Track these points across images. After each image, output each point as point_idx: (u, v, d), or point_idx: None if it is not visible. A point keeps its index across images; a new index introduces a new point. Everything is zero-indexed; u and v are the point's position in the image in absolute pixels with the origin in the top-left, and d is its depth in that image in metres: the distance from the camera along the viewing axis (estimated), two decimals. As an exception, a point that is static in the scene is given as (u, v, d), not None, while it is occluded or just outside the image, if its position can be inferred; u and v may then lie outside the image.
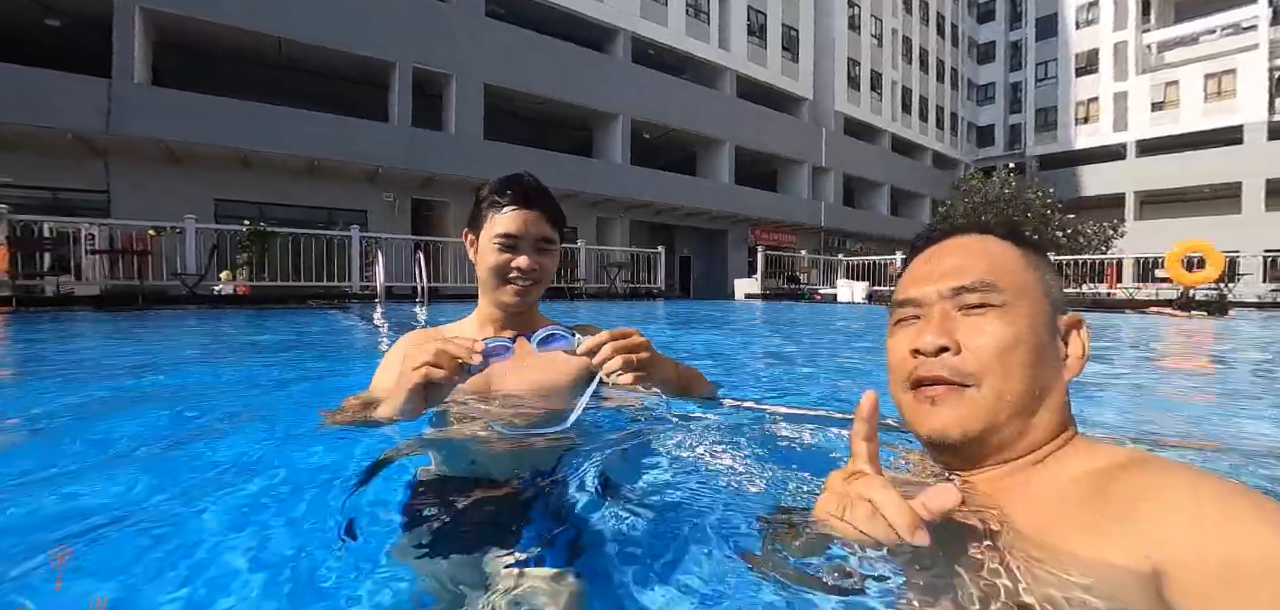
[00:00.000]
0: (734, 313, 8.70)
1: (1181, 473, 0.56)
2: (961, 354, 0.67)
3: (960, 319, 0.68)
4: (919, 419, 0.70)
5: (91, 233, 9.14)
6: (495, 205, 1.30)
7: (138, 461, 1.25)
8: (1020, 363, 0.65)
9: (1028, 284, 0.68)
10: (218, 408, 1.86)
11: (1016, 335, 0.65)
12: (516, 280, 1.28)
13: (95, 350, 3.63)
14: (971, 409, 0.66)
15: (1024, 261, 0.70)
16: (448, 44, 16.45)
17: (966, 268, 0.70)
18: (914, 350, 0.70)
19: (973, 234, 0.74)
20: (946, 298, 0.69)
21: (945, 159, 36.31)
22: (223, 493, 1.01)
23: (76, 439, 1.48)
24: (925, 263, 0.75)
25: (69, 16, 12.84)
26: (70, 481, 1.12)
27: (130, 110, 11.95)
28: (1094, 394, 2.15)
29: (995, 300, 0.67)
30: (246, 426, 1.57)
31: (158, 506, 0.97)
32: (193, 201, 11.97)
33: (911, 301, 0.73)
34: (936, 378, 0.68)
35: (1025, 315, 0.66)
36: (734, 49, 24.16)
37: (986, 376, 0.65)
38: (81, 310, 7.01)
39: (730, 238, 24.07)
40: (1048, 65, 37.70)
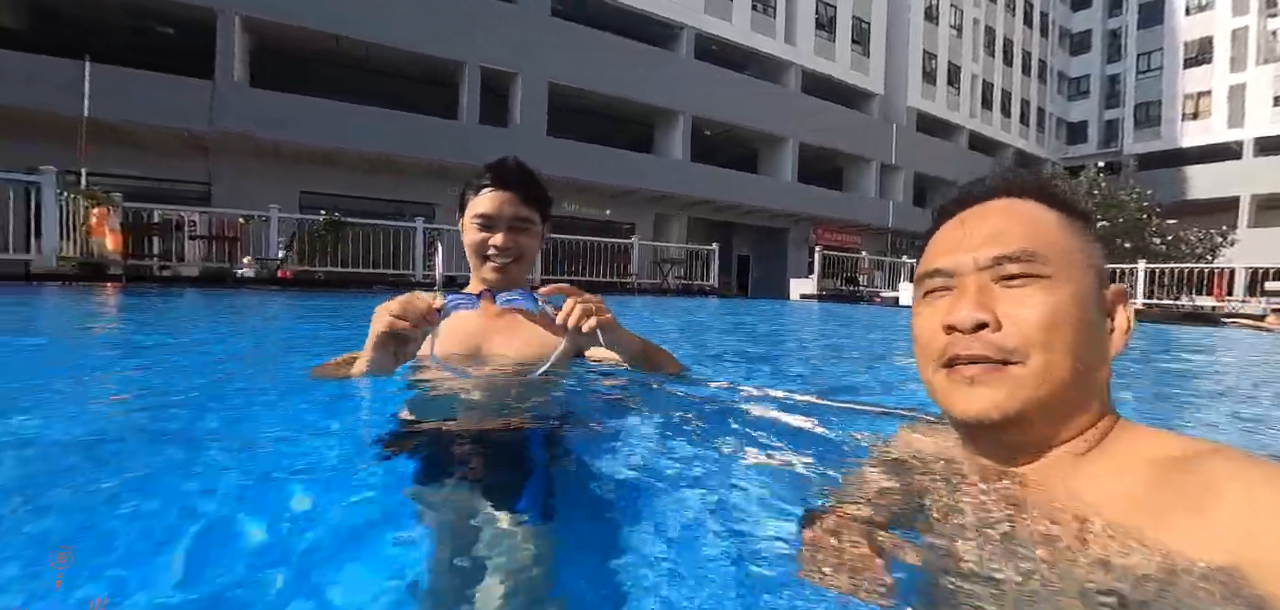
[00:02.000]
0: (775, 313, 8.59)
1: (1258, 464, 0.52)
2: (1003, 329, 0.60)
3: (998, 291, 0.62)
4: (955, 400, 0.64)
5: (193, 219, 10.14)
6: (475, 188, 1.42)
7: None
8: (1068, 338, 0.59)
9: (1072, 252, 0.62)
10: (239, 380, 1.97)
11: (1063, 308, 0.59)
12: (494, 257, 1.38)
13: (182, 323, 4.08)
14: (1014, 388, 0.60)
15: (1066, 228, 0.64)
16: (514, 43, 17.02)
17: (1005, 234, 0.63)
18: (948, 326, 0.63)
19: (1008, 196, 0.67)
20: (985, 268, 0.63)
21: (1029, 157, 34.04)
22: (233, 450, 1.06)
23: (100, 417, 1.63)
24: (957, 229, 0.67)
25: (180, 24, 14.21)
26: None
27: (229, 109, 13.12)
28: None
29: (1039, 271, 0.60)
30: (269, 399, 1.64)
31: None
32: (281, 193, 13.00)
33: (943, 272, 0.66)
34: (975, 356, 0.61)
35: (1071, 286, 0.60)
36: (800, 44, 23.64)
37: (1032, 353, 0.59)
38: (182, 288, 7.82)
39: (791, 236, 23.60)
40: (1151, 55, 34.58)
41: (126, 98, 11.91)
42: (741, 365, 2.51)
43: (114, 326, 3.62)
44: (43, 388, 1.61)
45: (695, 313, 7.17)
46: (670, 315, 6.40)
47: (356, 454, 0.99)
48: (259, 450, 1.03)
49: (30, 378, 1.82)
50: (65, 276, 7.49)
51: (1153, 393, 2.34)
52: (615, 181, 18.35)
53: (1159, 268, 14.04)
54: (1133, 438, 0.61)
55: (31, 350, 2.54)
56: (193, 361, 2.22)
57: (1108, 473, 0.59)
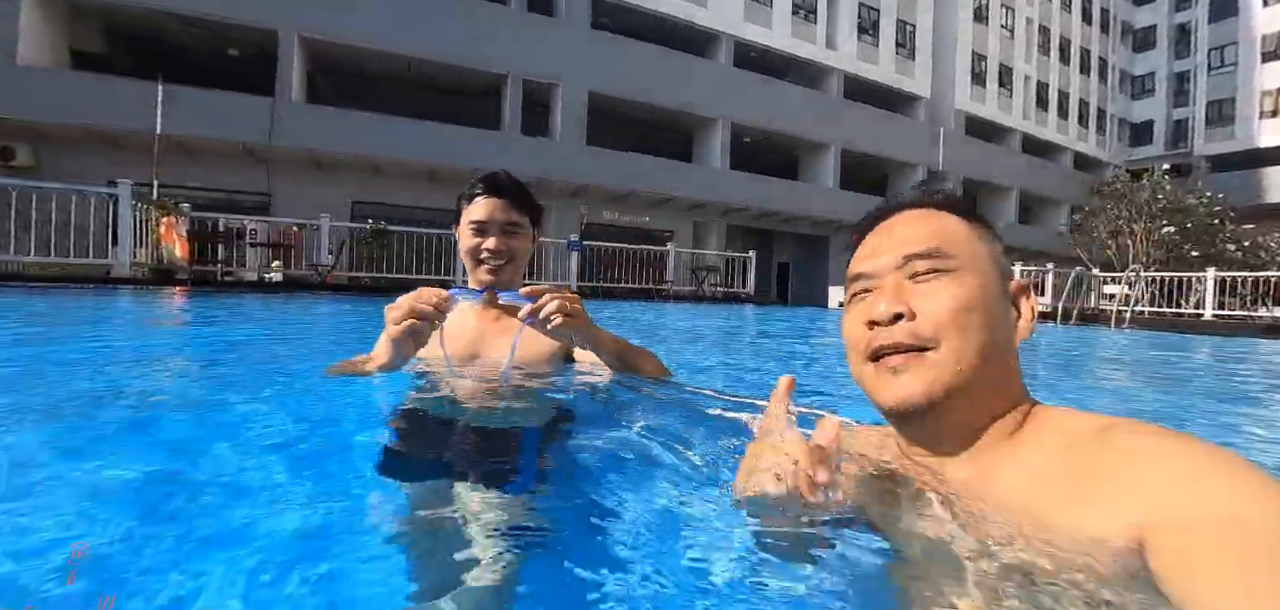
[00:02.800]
0: (807, 322, 8.48)
1: (1167, 435, 0.56)
2: (918, 318, 0.67)
3: (912, 287, 0.69)
4: (882, 389, 0.69)
5: (254, 228, 10.77)
6: (469, 197, 1.52)
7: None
8: (976, 324, 0.66)
9: (975, 250, 0.70)
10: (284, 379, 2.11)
11: (970, 297, 0.66)
12: (487, 260, 1.47)
13: (240, 325, 4.37)
14: (935, 372, 0.66)
15: (970, 230, 0.72)
16: (554, 56, 17.39)
17: (915, 236, 0.71)
18: (870, 321, 0.70)
19: (920, 207, 0.75)
20: (898, 267, 0.70)
21: (1088, 160, 32.44)
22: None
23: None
24: (875, 237, 0.76)
25: (244, 45, 15.14)
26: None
27: (287, 124, 13.87)
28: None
29: (946, 265, 0.68)
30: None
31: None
32: (334, 203, 13.64)
33: (864, 275, 0.74)
34: (896, 345, 0.67)
35: (975, 278, 0.68)
36: (842, 48, 23.28)
37: (944, 338, 0.65)
38: (242, 293, 8.31)
39: (832, 244, 23.18)
40: (1224, 51, 32.48)
41: (195, 115, 12.75)
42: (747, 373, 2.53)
43: (180, 324, 3.91)
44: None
45: (703, 318, 7.16)
46: (683, 322, 6.42)
47: (353, 446, 1.05)
48: (257, 440, 1.10)
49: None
50: (139, 281, 8.07)
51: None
52: (654, 188, 18.46)
53: (1232, 276, 13.07)
54: (1049, 419, 0.66)
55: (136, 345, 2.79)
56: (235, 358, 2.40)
57: (1030, 451, 0.64)
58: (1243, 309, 12.41)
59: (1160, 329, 10.31)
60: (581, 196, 18.06)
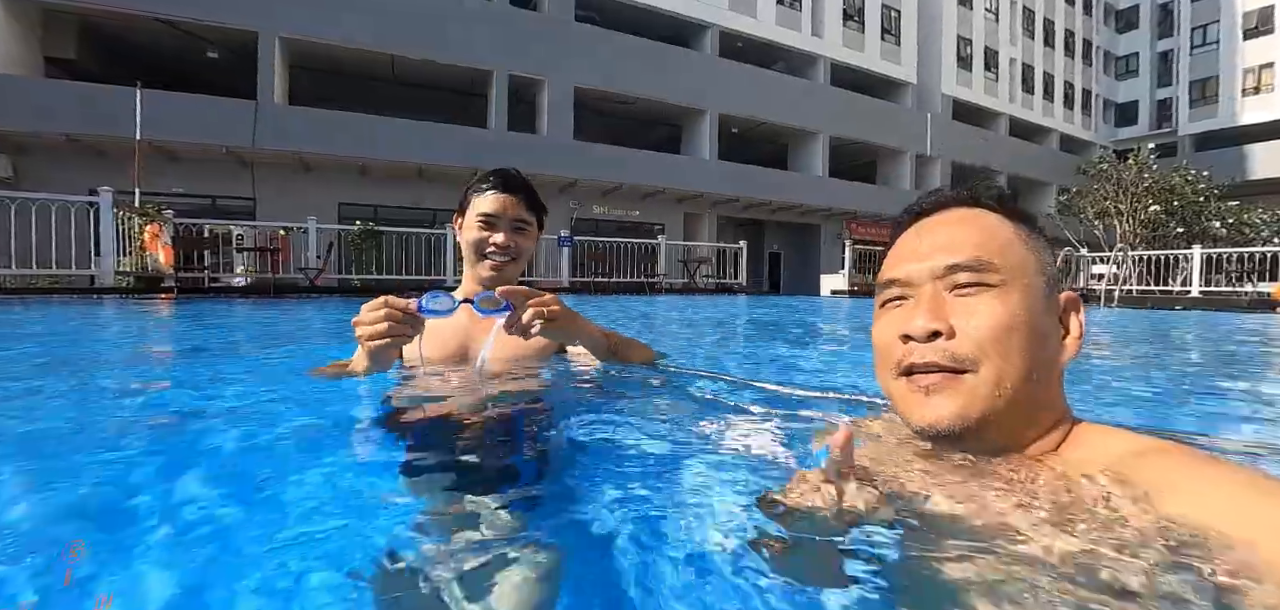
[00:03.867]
0: (791, 310, 8.49)
1: (1200, 460, 0.55)
2: (957, 338, 0.62)
3: (952, 300, 0.64)
4: (912, 410, 0.65)
5: (240, 233, 10.65)
6: (479, 190, 1.50)
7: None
8: (1020, 345, 0.60)
9: (1023, 260, 0.64)
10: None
11: (1014, 316, 0.61)
12: (493, 255, 1.45)
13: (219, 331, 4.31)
14: (969, 397, 0.61)
15: (1018, 236, 0.66)
16: (540, 51, 17.28)
17: (958, 243, 0.65)
18: (904, 335, 0.65)
19: (963, 206, 0.69)
20: (938, 277, 0.65)
21: (1075, 141, 32.68)
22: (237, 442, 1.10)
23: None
24: (913, 239, 0.70)
25: (224, 48, 14.93)
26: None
27: (270, 127, 13.71)
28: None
29: (991, 280, 0.62)
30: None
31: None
32: (320, 205, 13.51)
33: (899, 282, 0.68)
34: (930, 364, 0.63)
35: (1022, 294, 0.62)
36: (828, 36, 23.28)
37: (984, 361, 0.61)
38: (229, 298, 8.22)
39: (823, 232, 23.25)
40: (1207, 29, 32.75)
41: (176, 120, 12.58)
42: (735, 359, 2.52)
43: (170, 330, 3.86)
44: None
45: (689, 310, 7.16)
46: (671, 315, 6.42)
47: (346, 442, 1.04)
48: (254, 435, 1.09)
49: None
50: (123, 290, 7.96)
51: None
52: (643, 182, 18.42)
53: (1218, 252, 13.23)
54: (1091, 439, 0.63)
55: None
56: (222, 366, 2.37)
57: (1066, 474, 0.60)
58: (1229, 285, 12.57)
59: (1148, 307, 10.42)
60: (570, 192, 17.98)
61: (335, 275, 10.94)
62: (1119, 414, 1.54)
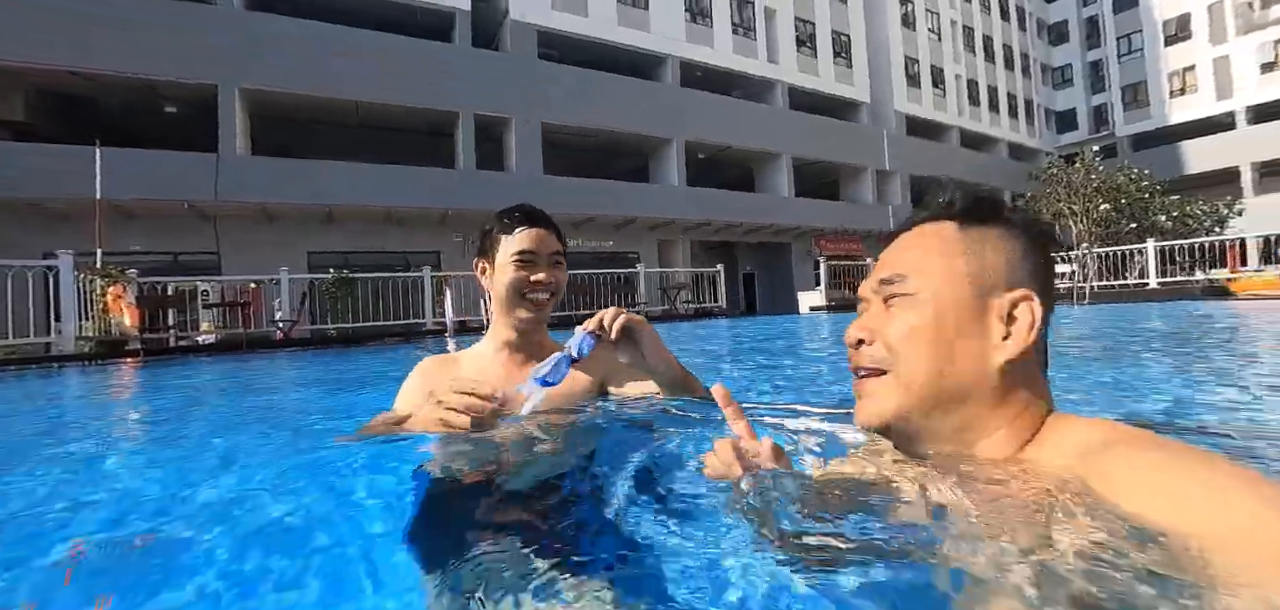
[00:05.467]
0: (779, 327, 8.58)
1: (1172, 449, 0.56)
2: (874, 344, 0.70)
3: (884, 311, 0.71)
4: (855, 413, 0.74)
5: (206, 289, 10.28)
6: (507, 228, 1.40)
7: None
8: (926, 346, 0.66)
9: (950, 265, 0.68)
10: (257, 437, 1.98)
11: (919, 320, 0.67)
12: (535, 294, 1.37)
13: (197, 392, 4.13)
14: (884, 395, 0.69)
15: (957, 240, 0.69)
16: (505, 89, 17.37)
17: (888, 261, 0.73)
18: (846, 341, 0.75)
19: (923, 223, 0.74)
20: (876, 291, 0.73)
21: (1022, 149, 34.27)
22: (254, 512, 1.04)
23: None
24: (878, 259, 0.78)
25: (182, 103, 14.60)
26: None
27: (233, 179, 13.38)
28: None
29: (907, 288, 0.69)
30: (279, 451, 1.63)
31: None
32: (288, 256, 13.18)
33: (860, 297, 0.78)
34: (859, 368, 0.72)
35: (933, 300, 0.67)
36: (783, 61, 24.05)
37: (893, 363, 0.68)
38: (199, 357, 7.88)
39: (794, 251, 23.69)
40: (1131, 38, 34.99)
41: (135, 177, 12.17)
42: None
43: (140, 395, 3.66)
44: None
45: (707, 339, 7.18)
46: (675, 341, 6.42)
47: (373, 526, 0.92)
48: (259, 520, 0.98)
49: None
50: (86, 356, 7.56)
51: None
52: (615, 212, 18.52)
53: (1170, 244, 13.98)
54: (1058, 432, 0.65)
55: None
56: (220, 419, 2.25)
57: (1036, 466, 0.63)
58: (1182, 275, 13.22)
59: (1113, 300, 10.86)
60: (544, 226, 17.93)
61: (308, 326, 10.62)
62: (1145, 408, 1.56)
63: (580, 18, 19.40)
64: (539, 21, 18.55)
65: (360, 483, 1.11)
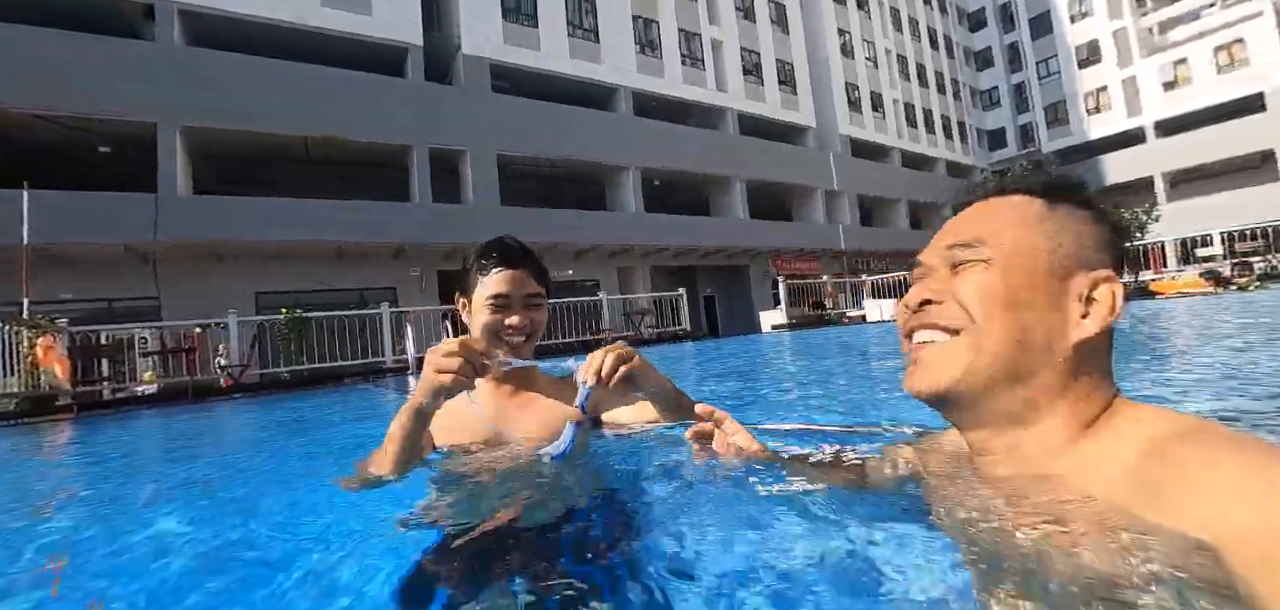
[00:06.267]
0: (750, 347, 8.72)
1: (1242, 443, 0.53)
2: (945, 302, 0.67)
3: (951, 276, 0.69)
4: (906, 378, 0.71)
5: (144, 336, 9.71)
6: (483, 269, 1.40)
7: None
8: (1002, 308, 0.64)
9: (1026, 237, 0.66)
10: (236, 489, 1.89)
11: (998, 283, 0.64)
12: (510, 337, 1.37)
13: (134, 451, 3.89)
14: (951, 359, 0.66)
15: (1038, 215, 0.67)
16: (459, 123, 17.27)
17: (960, 227, 0.71)
18: (905, 304, 0.72)
19: (994, 196, 0.73)
20: (941, 256, 0.71)
21: (959, 167, 36.18)
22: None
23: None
24: (940, 229, 0.76)
25: (117, 141, 13.90)
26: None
27: (174, 219, 12.76)
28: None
29: (982, 254, 0.66)
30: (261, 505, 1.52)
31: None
32: (235, 297, 12.61)
33: (918, 262, 0.75)
34: (925, 324, 0.69)
35: (1015, 267, 0.65)
36: (732, 89, 24.81)
37: (966, 326, 0.65)
38: (137, 410, 7.41)
39: (752, 272, 24.16)
40: (1048, 62, 37.71)
41: (67, 221, 11.46)
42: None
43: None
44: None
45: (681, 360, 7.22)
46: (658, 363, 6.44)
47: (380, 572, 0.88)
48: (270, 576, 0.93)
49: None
50: (12, 414, 7.01)
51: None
52: (573, 240, 18.53)
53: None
54: (1128, 417, 0.62)
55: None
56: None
57: (1101, 455, 0.60)
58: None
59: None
60: (503, 258, 17.73)
61: (257, 370, 10.12)
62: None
63: (532, 51, 19.57)
64: (492, 55, 18.61)
65: (350, 537, 1.05)
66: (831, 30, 29.87)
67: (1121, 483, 0.56)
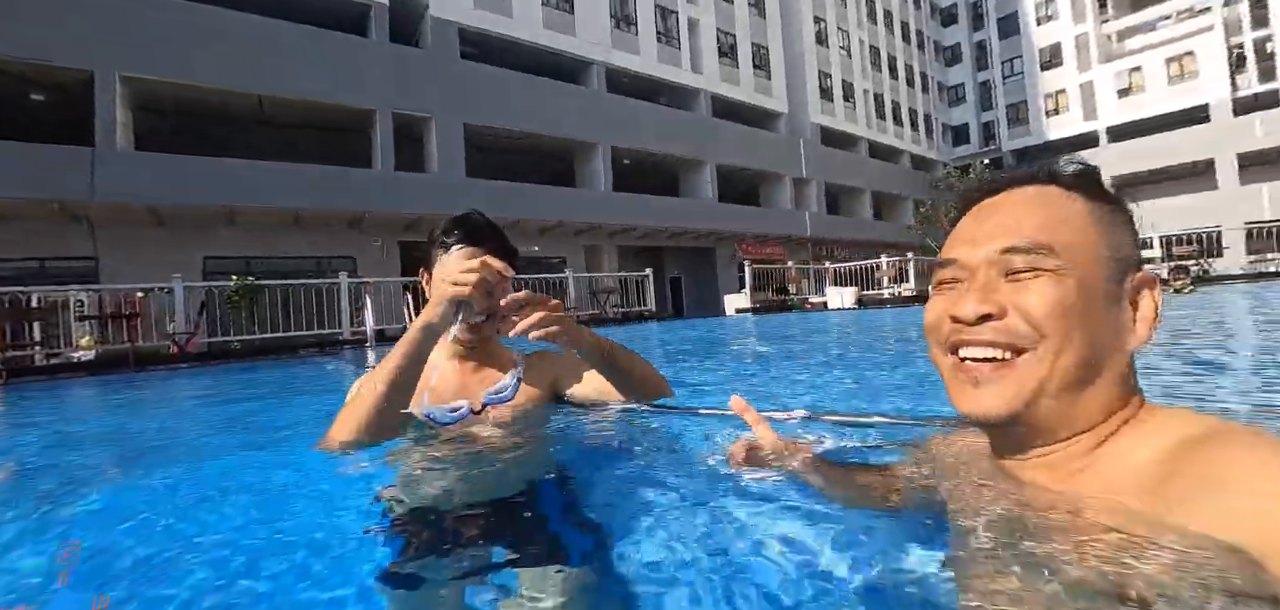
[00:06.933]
0: (718, 329, 8.78)
1: (1262, 443, 0.51)
2: (1008, 317, 0.60)
3: (1005, 284, 0.61)
4: (959, 395, 0.64)
5: (80, 299, 9.17)
6: (445, 245, 1.35)
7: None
8: (1078, 329, 0.58)
9: (1087, 242, 0.61)
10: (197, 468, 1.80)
11: (1072, 298, 0.58)
12: (470, 317, 1.30)
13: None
14: (1018, 384, 0.60)
15: (1088, 215, 0.62)
16: (425, 88, 16.71)
17: (1017, 225, 0.62)
18: (953, 316, 0.63)
19: (1032, 185, 0.66)
20: (992, 261, 0.62)
21: (923, 160, 36.94)
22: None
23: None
24: (973, 221, 0.67)
25: (52, 89, 12.98)
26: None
27: (114, 176, 12.03)
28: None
29: (1048, 264, 0.59)
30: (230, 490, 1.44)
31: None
32: (180, 261, 12.01)
33: (953, 263, 0.66)
34: (981, 341, 0.61)
35: (1081, 278, 0.59)
36: (706, 70, 24.66)
37: (1039, 341, 0.59)
38: (72, 377, 7.01)
39: (718, 255, 24.28)
40: (1013, 62, 38.67)
41: (-9, 173, 10.71)
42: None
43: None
44: None
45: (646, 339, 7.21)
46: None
47: (346, 547, 0.87)
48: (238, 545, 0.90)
49: None
50: (-71, 379, 6.54)
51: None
52: (541, 216, 18.26)
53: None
54: (1154, 420, 0.60)
55: None
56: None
57: (1127, 456, 0.59)
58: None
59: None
60: (468, 231, 17.36)
61: (206, 338, 9.68)
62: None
63: (504, 18, 19.00)
64: (461, 19, 17.99)
65: (315, 510, 1.04)
66: (808, 17, 29.91)
67: (1151, 486, 0.54)
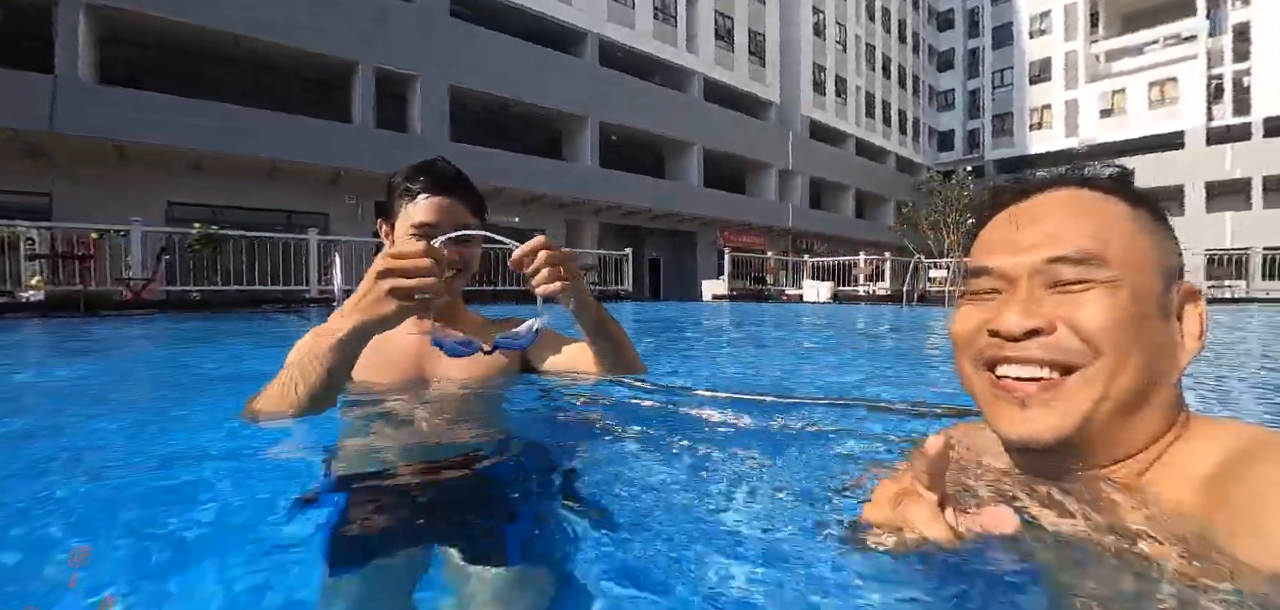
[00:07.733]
0: (691, 315, 8.75)
1: None
2: (1058, 332, 0.55)
3: (1051, 297, 0.56)
4: (1001, 418, 0.59)
5: (30, 236, 8.74)
6: (409, 194, 1.24)
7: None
8: (1134, 347, 0.54)
9: (1140, 252, 0.56)
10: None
11: (1125, 311, 0.54)
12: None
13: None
14: (1069, 404, 0.55)
15: (1136, 223, 0.57)
16: (412, 45, 16.21)
17: (1063, 233, 0.57)
18: (993, 330, 0.58)
19: (1070, 187, 0.61)
20: (1037, 271, 0.57)
21: (908, 163, 37.22)
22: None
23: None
24: (1009, 225, 0.61)
25: (9, 11, 12.24)
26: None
27: (74, 108, 11.45)
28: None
29: (1100, 275, 0.54)
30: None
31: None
32: (142, 205, 11.53)
33: (990, 272, 0.60)
34: (1027, 358, 0.56)
35: (1141, 289, 0.55)
36: (702, 52, 24.38)
37: (1094, 358, 0.54)
38: (19, 317, 6.69)
39: (699, 240, 24.23)
40: (1004, 73, 39.04)
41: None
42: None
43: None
44: None
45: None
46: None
47: (281, 520, 0.78)
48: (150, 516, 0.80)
49: None
50: None
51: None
52: (524, 187, 17.96)
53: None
54: (1202, 433, 0.57)
55: None
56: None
57: (1177, 474, 0.54)
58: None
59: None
60: (447, 195, 17.01)
61: (163, 286, 9.33)
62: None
63: (497, -22, 18.50)
64: (451, -25, 17.46)
65: (257, 474, 0.95)
66: (806, 7, 29.67)
67: (1200, 502, 0.51)
